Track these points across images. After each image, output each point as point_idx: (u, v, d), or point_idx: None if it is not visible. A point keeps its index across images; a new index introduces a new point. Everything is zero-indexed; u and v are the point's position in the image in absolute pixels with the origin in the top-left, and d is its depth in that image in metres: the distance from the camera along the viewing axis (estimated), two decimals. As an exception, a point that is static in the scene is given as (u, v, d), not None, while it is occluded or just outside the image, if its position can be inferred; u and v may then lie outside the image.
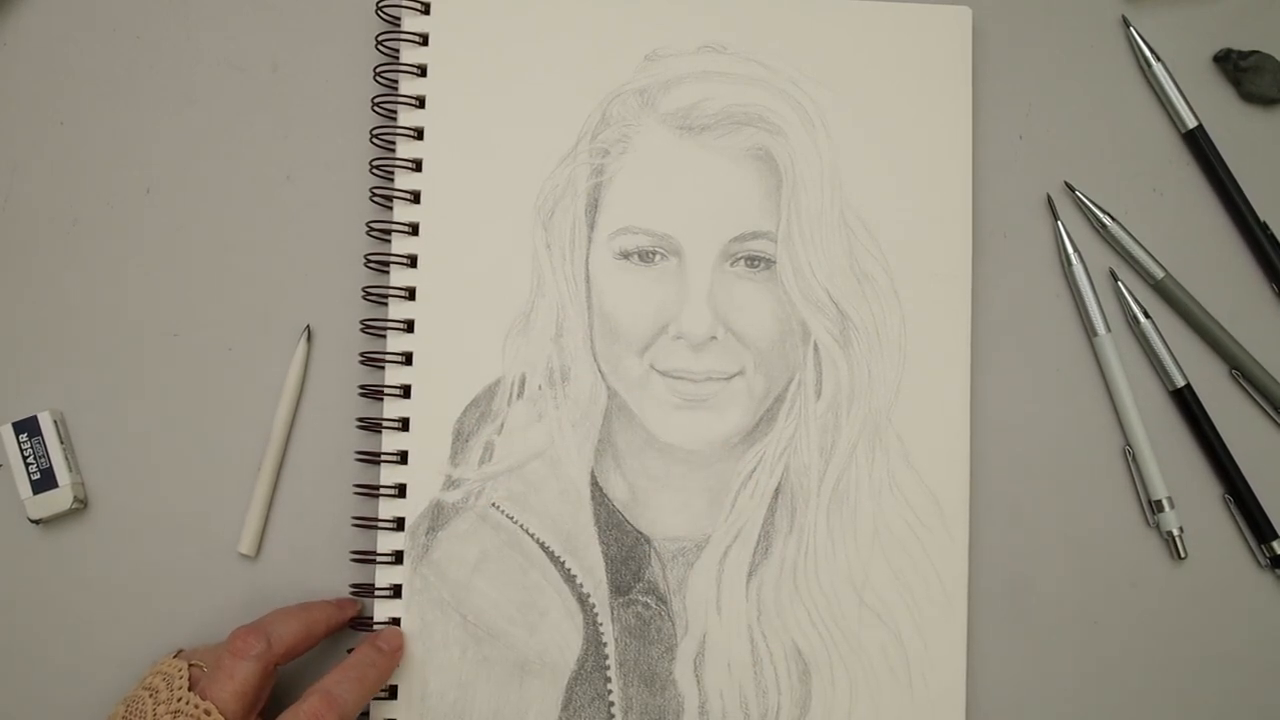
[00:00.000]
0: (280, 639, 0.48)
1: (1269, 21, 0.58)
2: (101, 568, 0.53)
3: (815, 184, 0.54)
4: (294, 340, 0.55)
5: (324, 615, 0.50)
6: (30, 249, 0.55)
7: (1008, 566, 0.55)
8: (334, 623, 0.51)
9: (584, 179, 0.54)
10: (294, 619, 0.49)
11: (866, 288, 0.54)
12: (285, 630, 0.48)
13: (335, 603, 0.51)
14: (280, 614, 0.49)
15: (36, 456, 0.53)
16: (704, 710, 0.52)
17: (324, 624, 0.50)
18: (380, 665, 0.49)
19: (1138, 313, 0.55)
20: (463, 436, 0.53)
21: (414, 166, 0.54)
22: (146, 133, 0.55)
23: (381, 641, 0.50)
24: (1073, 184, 0.56)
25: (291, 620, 0.49)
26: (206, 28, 0.56)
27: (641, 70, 0.55)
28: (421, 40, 0.55)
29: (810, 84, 0.55)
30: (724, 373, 0.53)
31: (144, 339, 0.54)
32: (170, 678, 0.47)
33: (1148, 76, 0.57)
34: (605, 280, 0.53)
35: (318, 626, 0.50)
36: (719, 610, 0.52)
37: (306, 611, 0.50)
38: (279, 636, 0.48)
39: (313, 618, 0.50)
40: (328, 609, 0.51)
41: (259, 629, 0.48)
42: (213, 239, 0.55)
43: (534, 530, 0.52)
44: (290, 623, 0.49)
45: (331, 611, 0.51)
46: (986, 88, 0.56)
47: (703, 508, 0.53)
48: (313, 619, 0.50)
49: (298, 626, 0.49)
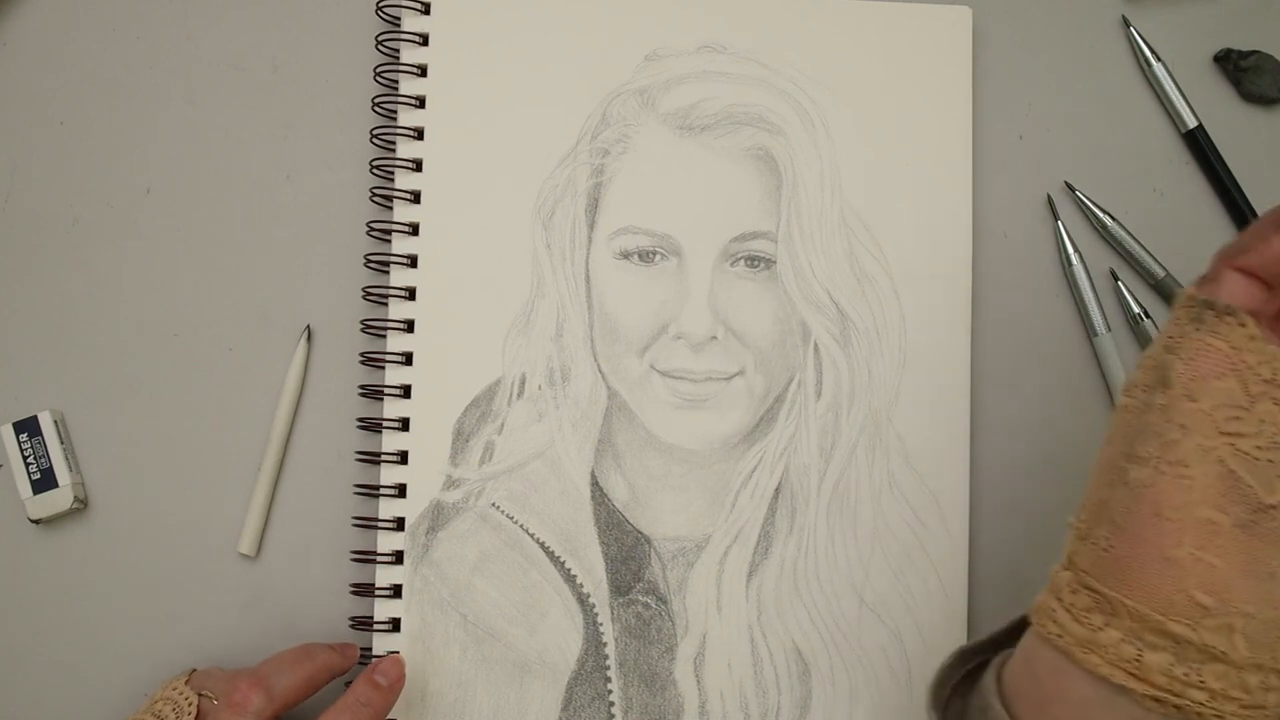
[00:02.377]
0: (282, 692, 0.47)
1: (1269, 21, 0.58)
2: (101, 568, 0.53)
3: (815, 184, 0.54)
4: (294, 340, 0.54)
5: (326, 663, 0.49)
6: (30, 249, 0.55)
7: (1008, 567, 0.55)
8: (337, 671, 0.50)
9: (584, 179, 0.54)
10: (297, 669, 0.48)
11: (866, 288, 0.54)
12: (287, 683, 0.47)
13: (338, 649, 0.50)
14: (282, 663, 0.48)
15: (36, 456, 0.53)
16: (704, 710, 0.52)
17: (327, 673, 0.49)
18: (377, 703, 0.48)
19: (1138, 312, 0.55)
20: (463, 436, 0.53)
21: (414, 166, 0.54)
22: (146, 133, 0.55)
23: (379, 675, 0.49)
24: (1073, 184, 0.56)
25: (294, 671, 0.48)
26: (206, 28, 0.56)
27: (641, 70, 0.55)
28: (421, 40, 0.55)
29: (810, 84, 0.55)
30: (724, 373, 0.53)
31: (144, 339, 0.54)
32: (180, 709, 0.46)
33: (1148, 76, 0.57)
34: (605, 280, 0.53)
35: (320, 675, 0.49)
36: (719, 610, 0.52)
37: (310, 659, 0.49)
38: (280, 690, 0.47)
39: (316, 667, 0.49)
40: (331, 657, 0.49)
41: (260, 682, 0.47)
42: (213, 239, 0.55)
43: (534, 530, 0.52)
44: (292, 674, 0.48)
45: (334, 660, 0.50)
46: (986, 88, 0.56)
47: (703, 508, 0.53)
48: (316, 668, 0.49)
49: (300, 677, 0.48)
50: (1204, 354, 0.35)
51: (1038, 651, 0.38)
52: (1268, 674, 0.34)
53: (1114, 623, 0.35)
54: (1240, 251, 0.37)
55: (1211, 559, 0.34)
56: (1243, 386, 0.35)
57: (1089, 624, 0.36)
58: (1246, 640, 0.34)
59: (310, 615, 0.53)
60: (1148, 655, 0.34)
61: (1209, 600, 0.34)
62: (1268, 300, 0.37)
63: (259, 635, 0.53)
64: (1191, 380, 0.35)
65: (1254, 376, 0.35)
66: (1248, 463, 0.35)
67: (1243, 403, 0.35)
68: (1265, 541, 0.34)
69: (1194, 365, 0.36)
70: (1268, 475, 0.35)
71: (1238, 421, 0.35)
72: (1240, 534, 0.34)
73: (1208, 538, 0.34)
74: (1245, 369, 0.35)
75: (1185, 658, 0.34)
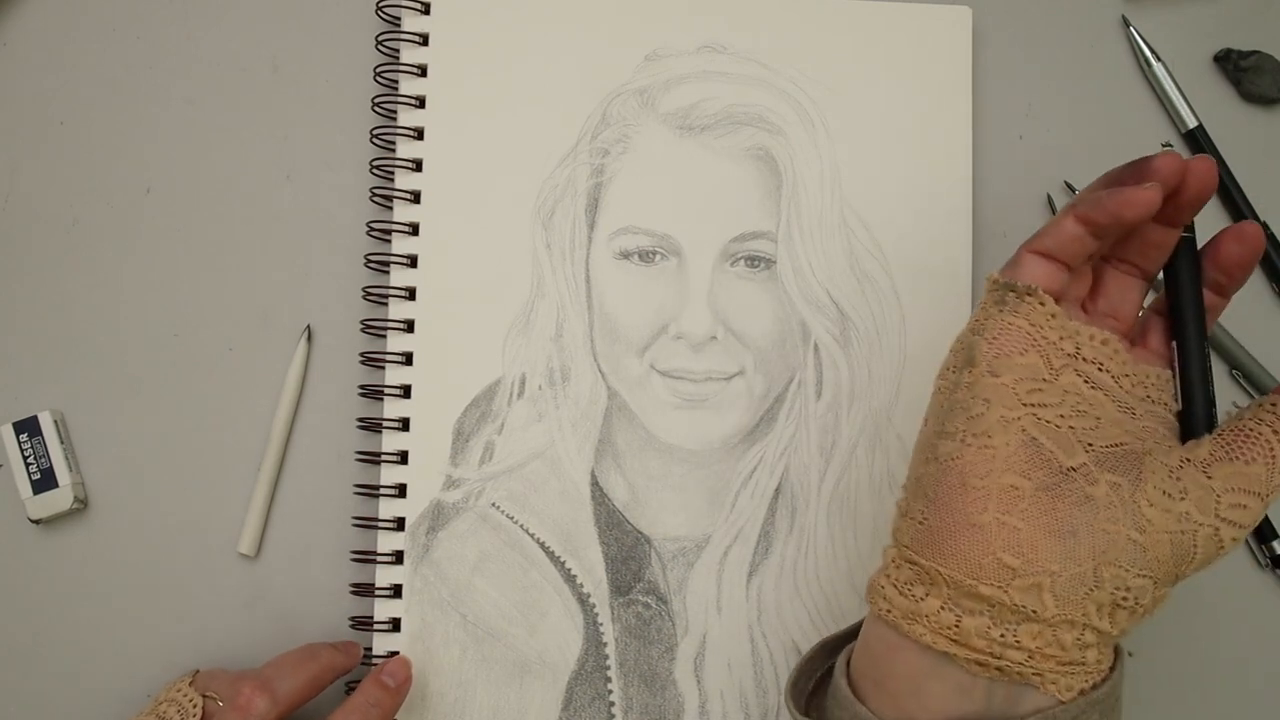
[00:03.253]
0: (286, 695, 0.47)
1: (1269, 21, 0.58)
2: (101, 568, 0.53)
3: (815, 184, 0.54)
4: (294, 340, 0.54)
5: (330, 664, 0.49)
6: (30, 249, 0.55)
7: (1008, 566, 0.55)
8: (341, 670, 0.50)
9: (584, 179, 0.54)
10: (301, 671, 0.48)
11: (866, 288, 0.54)
12: (291, 685, 0.47)
13: (341, 648, 0.50)
14: (286, 665, 0.48)
15: (36, 456, 0.53)
16: (704, 710, 0.52)
17: (331, 673, 0.49)
18: (385, 705, 0.48)
19: (1138, 313, 0.55)
20: (463, 436, 0.53)
21: (414, 166, 0.54)
22: (146, 133, 0.55)
23: (386, 676, 0.49)
24: (1073, 184, 0.56)
25: (298, 673, 0.48)
26: (206, 28, 0.56)
27: (641, 70, 0.55)
28: (421, 40, 0.55)
29: (810, 84, 0.55)
30: (724, 373, 0.53)
31: (144, 339, 0.54)
32: (185, 711, 0.46)
33: (1148, 76, 0.57)
34: (605, 280, 0.53)
35: (324, 676, 0.49)
36: (719, 610, 0.52)
37: (314, 660, 0.49)
38: (285, 692, 0.47)
39: (320, 667, 0.49)
40: (335, 657, 0.49)
41: (265, 685, 0.47)
42: (213, 239, 0.55)
43: (534, 530, 0.52)
44: (296, 675, 0.48)
45: (339, 660, 0.49)
46: (986, 88, 0.56)
47: (703, 508, 0.53)
48: (320, 669, 0.49)
49: (303, 679, 0.48)
50: (1006, 333, 0.38)
51: (872, 629, 0.39)
52: (1082, 630, 0.36)
53: (934, 592, 0.37)
54: (1038, 237, 0.39)
55: (1016, 522, 0.35)
56: (1045, 361, 0.37)
57: (912, 596, 0.37)
58: (1055, 598, 0.35)
59: (310, 615, 0.53)
60: (965, 620, 0.36)
61: (1015, 561, 0.35)
62: (1072, 283, 0.40)
63: (259, 635, 0.53)
64: (995, 358, 0.37)
65: (1056, 351, 0.37)
66: (1049, 431, 0.36)
67: (1045, 376, 0.37)
68: (1066, 502, 0.36)
69: (997, 344, 0.38)
70: (1069, 441, 0.36)
71: (1040, 393, 0.37)
72: (1043, 496, 0.36)
73: (1011, 502, 0.36)
74: (1047, 345, 0.37)
75: (1000, 620, 0.36)
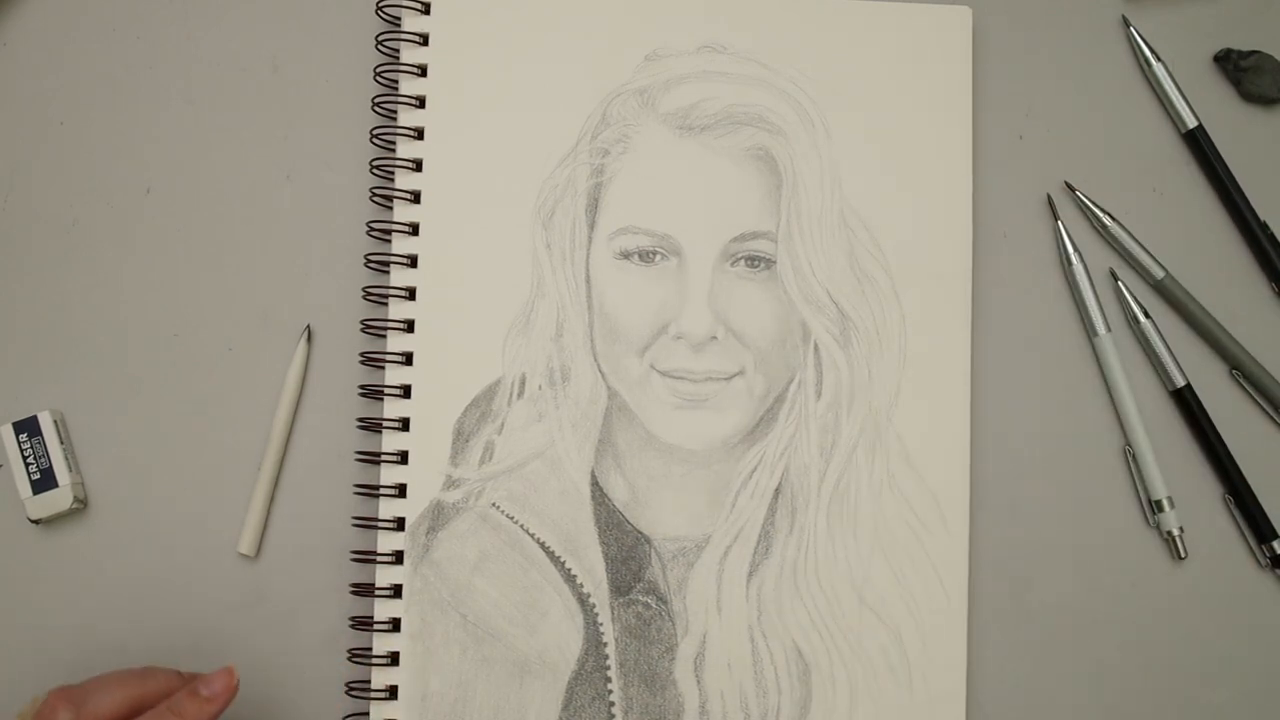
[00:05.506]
0: (94, 710, 0.45)
1: (1269, 21, 0.58)
2: (101, 568, 0.53)
3: (815, 184, 0.54)
4: (294, 340, 0.55)
5: (161, 688, 0.47)
6: (30, 249, 0.55)
7: (1008, 567, 0.55)
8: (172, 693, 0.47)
9: (584, 179, 0.54)
10: (123, 688, 0.46)
11: (866, 288, 0.54)
12: (104, 704, 0.45)
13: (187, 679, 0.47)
14: (111, 681, 0.46)
15: (36, 456, 0.53)
16: (704, 710, 0.52)
17: (158, 698, 0.46)
18: (190, 713, 0.45)
19: (1138, 313, 0.55)
20: (463, 436, 0.53)
21: (414, 166, 0.54)
22: (146, 133, 0.56)
23: (202, 685, 0.46)
24: (1073, 184, 0.56)
25: (117, 690, 0.46)
26: (206, 28, 0.56)
27: (641, 70, 0.55)
28: (421, 40, 0.55)
29: (810, 84, 0.55)
30: (724, 373, 0.53)
31: (144, 339, 0.54)
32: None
33: (1148, 76, 0.57)
34: (605, 280, 0.53)
35: (149, 699, 0.46)
36: (719, 610, 0.52)
37: (141, 683, 0.46)
38: (93, 707, 0.45)
39: (145, 690, 0.46)
40: (171, 682, 0.47)
41: (70, 697, 0.45)
42: (213, 239, 0.55)
43: (534, 530, 0.52)
44: (114, 693, 0.46)
45: (175, 686, 0.47)
46: (986, 88, 0.56)
47: (703, 508, 0.53)
48: (145, 691, 0.46)
49: (121, 699, 0.45)
50: None
51: None
52: None
53: None
54: None
55: None
56: None
57: None
58: None
59: (310, 615, 0.53)
60: None
61: None
62: None
63: (259, 635, 0.53)
64: None
65: None
66: None
67: None
68: None
69: None
70: None
71: None
72: None
73: None
74: None
75: None
